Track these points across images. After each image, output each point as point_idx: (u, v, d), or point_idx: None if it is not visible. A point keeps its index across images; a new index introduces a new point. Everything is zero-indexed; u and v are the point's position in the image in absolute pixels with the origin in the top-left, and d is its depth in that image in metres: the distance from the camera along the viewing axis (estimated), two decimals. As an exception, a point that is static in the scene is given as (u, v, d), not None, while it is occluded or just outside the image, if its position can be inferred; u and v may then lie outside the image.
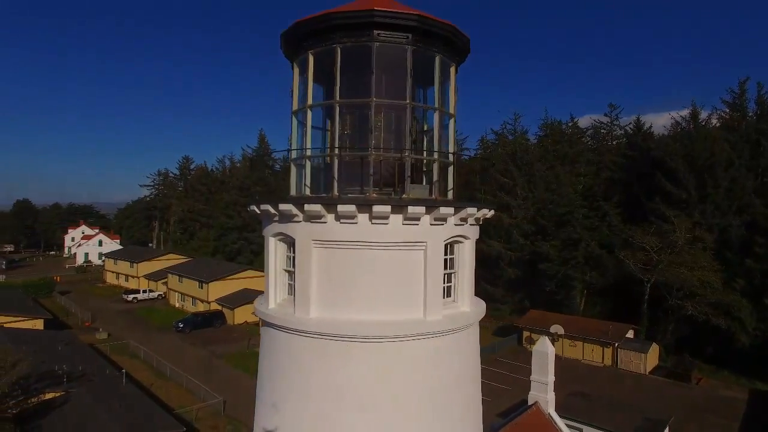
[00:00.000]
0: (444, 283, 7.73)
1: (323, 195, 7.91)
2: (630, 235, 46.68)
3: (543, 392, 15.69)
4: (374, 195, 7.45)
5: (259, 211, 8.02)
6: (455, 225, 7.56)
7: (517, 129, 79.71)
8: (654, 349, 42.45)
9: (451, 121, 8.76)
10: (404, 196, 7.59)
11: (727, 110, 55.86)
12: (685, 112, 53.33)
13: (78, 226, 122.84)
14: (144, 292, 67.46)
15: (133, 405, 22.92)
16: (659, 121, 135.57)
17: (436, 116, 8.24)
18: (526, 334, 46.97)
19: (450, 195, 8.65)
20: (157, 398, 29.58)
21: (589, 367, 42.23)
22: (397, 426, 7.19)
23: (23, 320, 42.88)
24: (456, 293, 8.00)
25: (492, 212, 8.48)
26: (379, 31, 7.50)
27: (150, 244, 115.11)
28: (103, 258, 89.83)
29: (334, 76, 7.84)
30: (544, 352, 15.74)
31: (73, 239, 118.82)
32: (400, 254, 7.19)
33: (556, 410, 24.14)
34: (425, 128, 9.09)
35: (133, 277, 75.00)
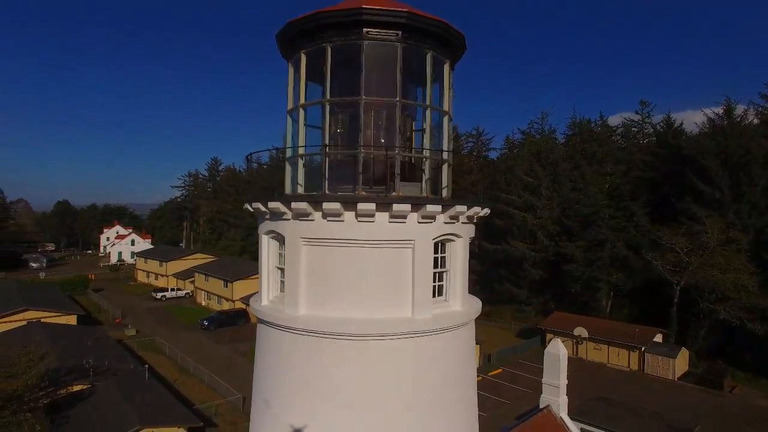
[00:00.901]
0: (435, 282, 7.69)
1: (313, 193, 7.97)
2: (658, 235, 45.17)
3: (555, 395, 15.36)
4: (363, 193, 7.46)
5: (251, 209, 8.16)
6: (445, 223, 7.49)
7: (544, 128, 78.42)
8: (683, 354, 40.95)
9: (446, 119, 8.68)
10: (394, 194, 7.56)
11: (766, 105, 53.39)
12: (719, 109, 51.16)
13: (113, 226, 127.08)
14: (172, 290, 69.36)
15: (154, 399, 23.63)
16: (691, 118, 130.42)
17: (427, 114, 8.19)
18: (549, 336, 46.01)
19: (444, 193, 8.59)
20: (180, 393, 30.37)
21: (614, 371, 41.08)
22: (384, 425, 7.17)
23: (58, 315, 44.71)
24: (447, 292, 7.92)
25: (486, 211, 8.36)
26: (369, 29, 7.50)
27: (180, 244, 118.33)
28: (135, 257, 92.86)
29: (324, 75, 7.91)
30: (556, 354, 15.40)
31: (108, 239, 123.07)
32: (387, 252, 7.17)
33: (574, 414, 23.62)
34: (424, 127, 9.06)
35: (162, 275, 77.21)
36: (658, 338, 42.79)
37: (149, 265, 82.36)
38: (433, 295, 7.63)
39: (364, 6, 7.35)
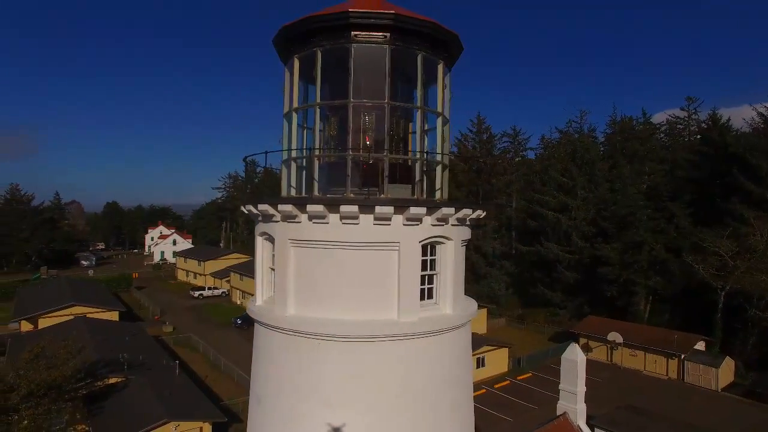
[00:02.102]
0: (425, 284, 7.64)
1: (299, 196, 8.08)
2: (701, 238, 42.92)
3: (572, 402, 14.88)
4: (351, 195, 7.50)
5: (246, 211, 8.35)
6: (432, 225, 7.41)
7: (583, 127, 76.12)
8: (728, 364, 38.72)
9: (440, 120, 8.60)
10: (382, 196, 7.57)
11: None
12: (770, 104, 48.11)
13: (157, 226, 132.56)
14: (209, 289, 71.64)
15: (182, 394, 24.55)
16: (739, 115, 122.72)
17: (418, 115, 8.14)
18: (582, 341, 44.62)
19: (438, 195, 8.52)
20: (210, 389, 31.36)
21: (650, 379, 39.32)
22: (371, 426, 7.18)
23: (102, 311, 47.08)
24: (438, 295, 7.84)
25: (479, 213, 8.20)
26: (357, 32, 7.54)
27: (220, 244, 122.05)
28: (176, 256, 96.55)
29: (315, 79, 8.01)
30: (573, 360, 14.92)
31: (152, 239, 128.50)
32: (372, 254, 7.18)
33: (603, 423, 22.84)
34: (414, 129, 9.01)
35: (200, 274, 79.89)
36: (700, 346, 40.66)
37: (188, 265, 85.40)
38: (423, 298, 7.57)
39: (350, 9, 7.40)
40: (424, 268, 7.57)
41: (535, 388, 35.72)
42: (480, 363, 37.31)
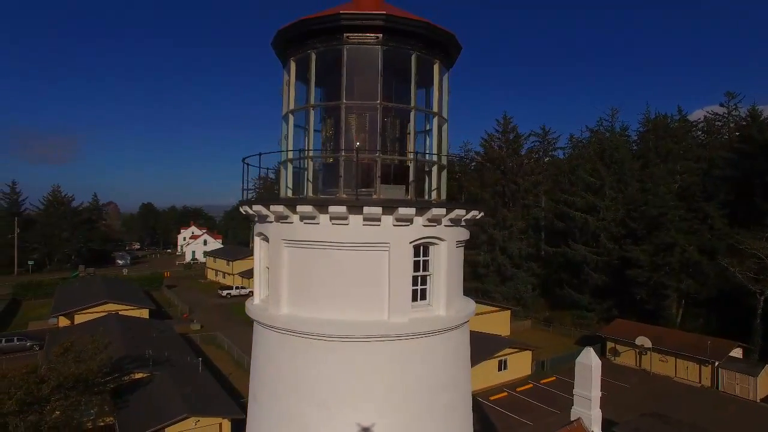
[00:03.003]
0: (418, 285, 7.61)
1: (290, 197, 8.17)
2: (738, 239, 41.03)
3: (586, 408, 14.49)
4: (344, 196, 7.55)
5: (243, 212, 8.51)
6: (424, 226, 7.37)
7: (614, 125, 73.97)
8: None
9: (436, 120, 8.56)
10: (374, 196, 7.59)
11: None
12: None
13: (189, 227, 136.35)
14: (237, 288, 73.15)
15: (203, 390, 25.20)
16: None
17: (412, 116, 8.11)
18: (610, 345, 43.40)
19: (434, 195, 8.47)
20: (232, 386, 32.00)
21: (682, 386, 37.83)
22: (361, 426, 7.21)
23: (133, 309, 48.79)
24: (431, 296, 7.78)
25: (474, 213, 8.11)
26: (349, 34, 7.58)
27: (250, 245, 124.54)
28: (206, 256, 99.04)
29: (309, 81, 8.10)
30: (588, 364, 14.52)
31: (184, 239, 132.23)
32: (363, 255, 7.20)
33: (624, 430, 22.16)
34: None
35: (228, 274, 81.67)
36: (737, 353, 38.88)
37: (217, 264, 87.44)
38: (415, 299, 7.55)
39: (341, 12, 7.45)
40: (416, 269, 7.54)
41: (558, 393, 34.92)
42: (502, 366, 36.76)
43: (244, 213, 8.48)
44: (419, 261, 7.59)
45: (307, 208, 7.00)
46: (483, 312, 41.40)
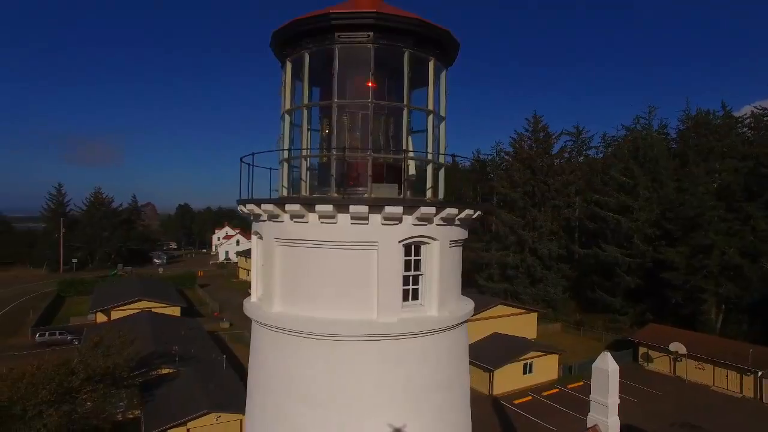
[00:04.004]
0: (409, 285, 7.53)
1: (291, 195, 8.24)
2: (783, 241, 38.88)
3: (603, 415, 13.97)
4: (335, 195, 7.56)
5: (240, 211, 8.65)
6: (414, 225, 7.29)
7: (652, 123, 71.15)
8: (816, 384, 34.69)
9: (431, 118, 8.47)
10: (365, 195, 7.57)
11: None
12: None
13: (223, 227, 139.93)
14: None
15: (226, 386, 25.78)
16: None
17: (405, 113, 8.03)
18: (642, 350, 41.82)
19: (429, 194, 8.38)
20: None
21: (720, 396, 36.00)
22: (350, 425, 7.19)
23: (165, 307, 50.45)
24: (423, 296, 7.69)
25: (468, 212, 7.94)
26: (340, 33, 7.59)
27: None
28: (238, 256, 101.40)
29: (303, 81, 8.17)
30: (605, 369, 14.00)
31: (218, 239, 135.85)
32: (352, 253, 7.18)
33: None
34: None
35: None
36: (782, 361, 36.73)
37: (249, 264, 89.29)
38: (407, 299, 7.48)
39: (332, 11, 7.46)
40: (408, 268, 7.47)
41: (585, 398, 33.69)
42: (527, 369, 36.02)
43: (240, 212, 8.63)
44: (410, 260, 7.51)
45: (296, 207, 7.05)
46: (508, 314, 40.69)
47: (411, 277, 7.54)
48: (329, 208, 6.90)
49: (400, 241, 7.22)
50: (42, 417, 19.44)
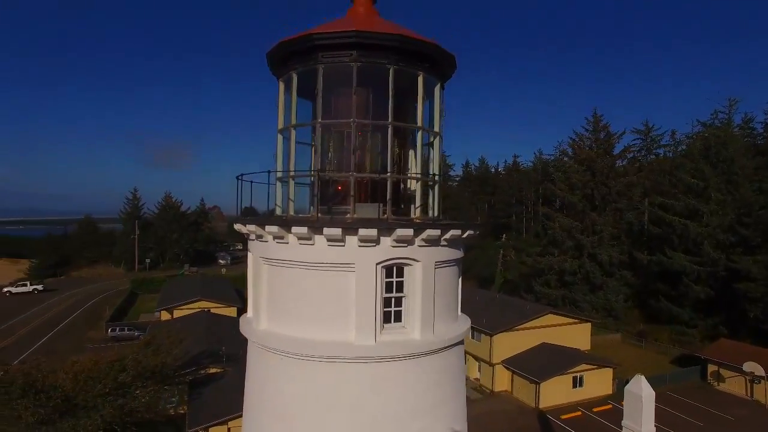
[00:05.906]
0: (391, 307, 7.38)
1: (277, 216, 8.34)
2: None
3: (636, 442, 12.99)
4: (319, 215, 7.57)
5: (237, 229, 8.89)
6: (392, 247, 7.15)
7: (733, 117, 64.99)
8: None
9: (419, 134, 8.28)
10: (348, 215, 7.54)
11: None
12: None
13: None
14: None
15: (267, 388, 26.54)
16: None
17: (390, 131, 7.87)
18: (712, 368, 38.36)
19: (417, 213, 8.18)
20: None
21: (804, 422, 32.31)
22: (326, 447, 7.17)
23: (222, 307, 52.86)
24: (406, 319, 7.51)
25: (457, 232, 7.63)
26: (323, 53, 7.61)
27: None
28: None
29: (292, 101, 8.27)
30: (638, 394, 13.05)
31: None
32: (330, 275, 7.16)
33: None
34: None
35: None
36: None
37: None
38: (389, 321, 7.36)
39: (314, 32, 7.50)
40: (389, 290, 7.33)
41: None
42: (577, 382, 34.19)
43: (237, 230, 8.87)
44: (392, 282, 7.36)
45: (274, 228, 7.15)
46: (559, 323, 38.87)
47: (393, 299, 7.39)
48: (304, 230, 6.92)
49: (378, 263, 7.10)
50: (98, 409, 21.03)
